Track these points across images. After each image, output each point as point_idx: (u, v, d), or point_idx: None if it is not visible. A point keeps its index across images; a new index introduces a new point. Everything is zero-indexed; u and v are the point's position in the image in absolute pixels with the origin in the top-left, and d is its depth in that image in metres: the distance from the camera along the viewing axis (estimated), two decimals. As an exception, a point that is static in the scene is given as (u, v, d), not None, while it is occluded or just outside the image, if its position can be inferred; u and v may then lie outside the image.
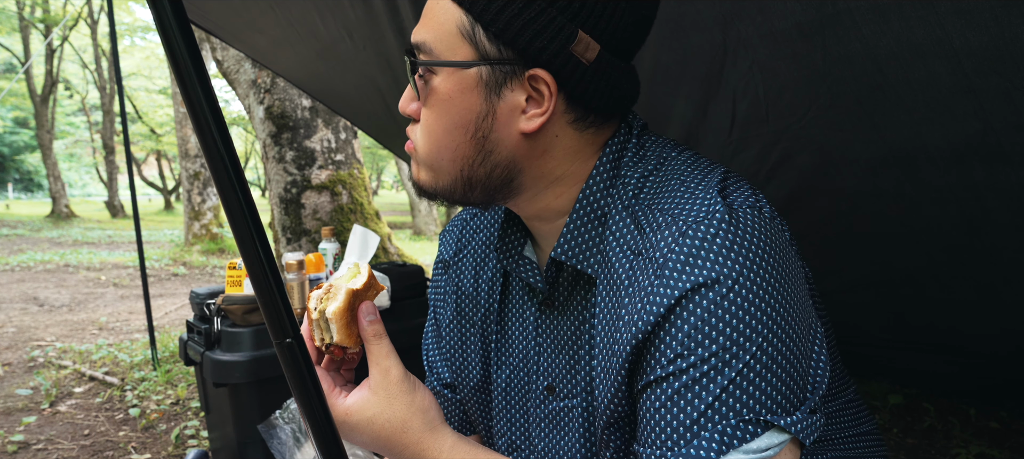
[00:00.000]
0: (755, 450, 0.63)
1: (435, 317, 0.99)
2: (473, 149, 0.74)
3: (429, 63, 0.73)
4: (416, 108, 0.77)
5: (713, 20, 1.34)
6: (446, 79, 0.72)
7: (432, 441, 0.80)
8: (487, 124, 0.73)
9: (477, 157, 0.75)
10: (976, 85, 1.16)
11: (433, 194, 0.80)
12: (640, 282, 0.69)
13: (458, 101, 0.72)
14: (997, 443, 2.38)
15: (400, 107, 0.79)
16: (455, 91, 0.72)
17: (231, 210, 0.56)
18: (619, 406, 0.71)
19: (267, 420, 1.97)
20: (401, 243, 8.96)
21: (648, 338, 0.67)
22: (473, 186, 0.77)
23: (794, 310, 0.67)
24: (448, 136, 0.74)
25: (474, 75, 0.71)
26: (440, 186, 0.79)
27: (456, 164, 0.76)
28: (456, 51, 0.71)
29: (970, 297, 1.78)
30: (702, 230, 0.66)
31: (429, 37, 0.73)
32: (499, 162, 0.75)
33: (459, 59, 0.71)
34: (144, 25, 19.22)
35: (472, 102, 0.72)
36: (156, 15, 0.53)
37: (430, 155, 0.77)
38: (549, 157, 0.75)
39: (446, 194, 0.79)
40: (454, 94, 0.72)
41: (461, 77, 0.72)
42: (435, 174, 0.78)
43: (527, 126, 0.72)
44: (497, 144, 0.74)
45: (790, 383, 0.65)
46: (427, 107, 0.75)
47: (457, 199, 0.79)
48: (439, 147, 0.76)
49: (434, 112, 0.74)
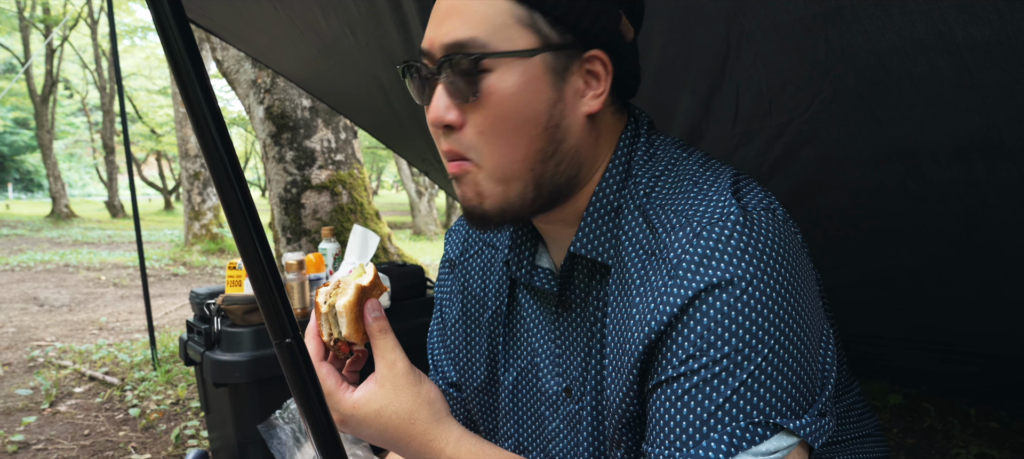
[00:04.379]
0: (764, 453, 0.62)
1: (441, 316, 0.99)
2: (546, 141, 0.72)
3: (495, 55, 0.69)
4: (457, 116, 0.71)
5: (717, 14, 1.34)
6: (508, 72, 0.69)
7: (439, 432, 0.80)
8: (558, 111, 0.72)
9: (549, 148, 0.72)
10: (978, 80, 1.15)
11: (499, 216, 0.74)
12: (653, 282, 0.68)
13: (527, 92, 0.70)
14: (997, 443, 2.38)
15: (434, 119, 0.71)
16: (522, 82, 0.69)
17: (231, 210, 0.56)
18: (631, 406, 0.71)
19: (267, 420, 1.97)
20: (401, 243, 8.96)
21: (660, 338, 0.66)
22: (542, 188, 0.73)
23: (806, 313, 0.67)
24: (519, 132, 0.70)
25: (540, 63, 0.70)
26: (510, 199, 0.73)
27: (527, 164, 0.72)
28: (516, 41, 0.69)
29: (971, 295, 1.78)
30: (717, 231, 0.66)
31: (478, 33, 0.69)
32: (567, 152, 0.73)
33: (521, 48, 0.69)
34: (144, 25, 19.23)
35: (541, 90, 0.70)
36: (155, 15, 0.53)
37: (500, 161, 0.72)
38: (602, 141, 0.77)
39: (514, 209, 0.74)
40: (522, 86, 0.69)
41: (526, 67, 0.69)
42: (505, 186, 0.72)
43: (591, 106, 0.73)
44: (567, 132, 0.73)
45: (800, 386, 0.65)
46: (487, 108, 0.70)
47: (524, 212, 0.74)
48: (510, 147, 0.71)
49: (498, 110, 0.70)
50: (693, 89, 1.59)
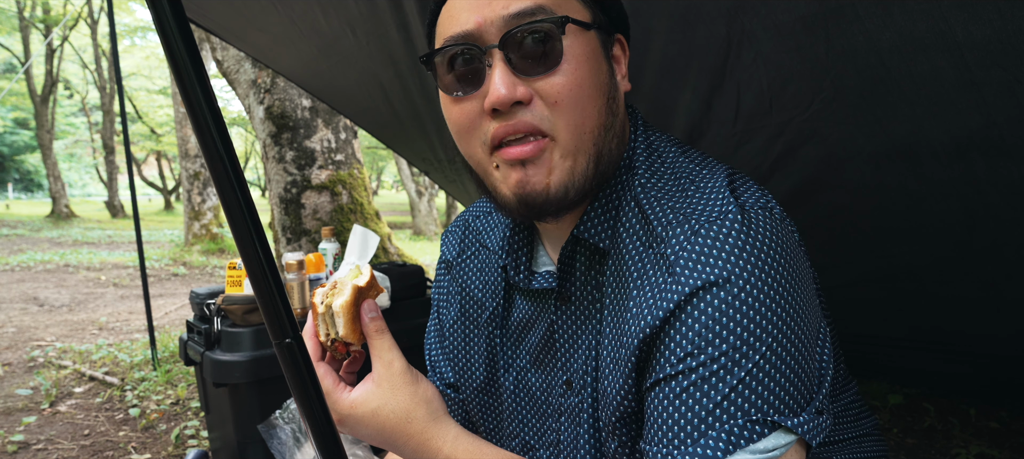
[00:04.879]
0: (762, 450, 0.62)
1: (438, 317, 0.99)
2: (607, 113, 0.73)
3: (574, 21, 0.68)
4: (524, 91, 0.68)
5: (718, 13, 1.34)
6: (578, 39, 0.70)
7: (436, 431, 0.80)
8: (612, 84, 0.75)
9: (608, 120, 0.73)
10: (978, 79, 1.15)
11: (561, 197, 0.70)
12: (650, 276, 0.68)
13: (593, 61, 0.71)
14: (997, 443, 2.37)
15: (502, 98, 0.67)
16: (590, 51, 0.71)
17: (231, 210, 0.56)
18: (627, 400, 0.71)
19: (267, 420, 1.97)
20: (401, 243, 8.96)
21: (657, 333, 0.66)
22: (600, 164, 0.72)
23: (803, 311, 0.67)
24: (590, 101, 0.70)
25: (595, 36, 0.72)
26: (576, 176, 0.70)
27: (593, 136, 0.71)
28: (580, 13, 0.71)
29: (971, 294, 1.78)
30: (715, 229, 0.66)
31: (546, 2, 0.69)
32: (619, 129, 0.76)
33: (585, 21, 0.72)
34: (144, 25, 19.25)
35: (601, 62, 0.73)
36: (155, 15, 0.53)
37: (575, 132, 0.69)
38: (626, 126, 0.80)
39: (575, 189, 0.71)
40: (589, 54, 0.71)
41: (589, 38, 0.71)
42: (574, 161, 0.70)
43: (625, 85, 0.78)
44: (618, 106, 0.76)
45: (798, 384, 0.65)
46: (561, 75, 0.68)
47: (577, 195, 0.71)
48: (583, 116, 0.69)
49: (573, 77, 0.68)
50: (694, 87, 1.59)
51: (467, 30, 0.69)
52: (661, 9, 1.41)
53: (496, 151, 0.71)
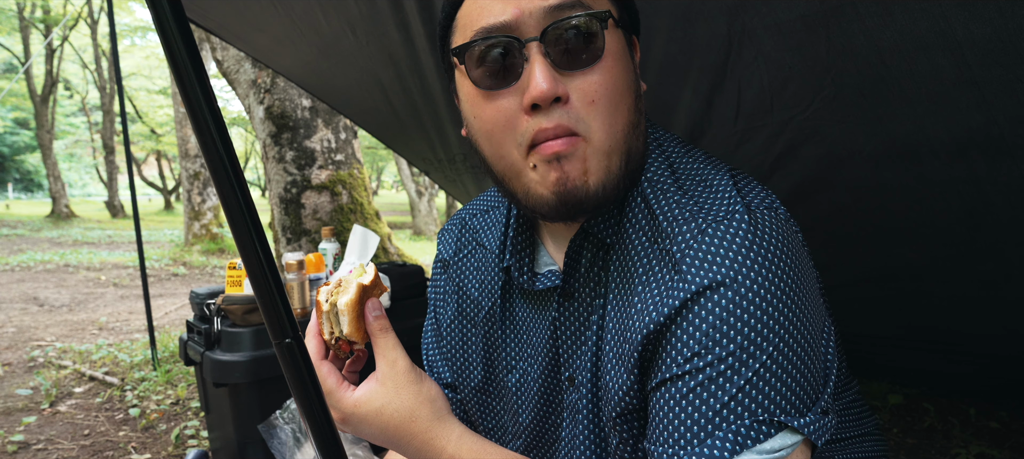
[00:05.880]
0: (768, 451, 0.62)
1: (435, 317, 0.98)
2: (635, 112, 0.71)
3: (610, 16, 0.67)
4: (563, 87, 0.66)
5: (719, 11, 1.34)
6: (612, 36, 0.68)
7: (440, 430, 0.80)
8: (638, 83, 0.74)
9: (636, 119, 0.70)
10: (979, 77, 1.15)
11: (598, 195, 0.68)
12: (656, 272, 0.68)
13: (625, 58, 0.70)
14: (997, 443, 2.37)
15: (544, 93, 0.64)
16: (621, 48, 0.70)
17: (230, 210, 0.56)
18: (629, 396, 0.70)
19: (267, 420, 1.97)
20: (401, 243, 8.96)
21: (662, 331, 0.66)
22: (630, 163, 0.70)
23: (809, 311, 0.66)
24: (623, 100, 0.68)
25: (622, 34, 0.72)
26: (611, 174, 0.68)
27: (624, 135, 0.69)
28: (614, 10, 0.71)
29: (972, 294, 1.78)
30: (722, 229, 0.66)
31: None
32: (644, 128, 0.73)
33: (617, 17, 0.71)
34: (144, 25, 19.24)
35: (629, 59, 0.72)
36: (155, 15, 0.53)
37: (609, 131, 0.67)
38: None
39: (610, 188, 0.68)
40: (622, 51, 0.70)
41: (619, 35, 0.70)
42: (609, 160, 0.68)
43: (643, 85, 0.77)
44: (642, 104, 0.74)
45: (804, 384, 0.65)
46: (599, 72, 0.66)
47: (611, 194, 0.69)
48: (616, 115, 0.67)
49: (610, 75, 0.67)
50: (695, 86, 1.59)
51: (504, 21, 0.66)
52: (662, 7, 1.41)
53: (533, 150, 0.68)
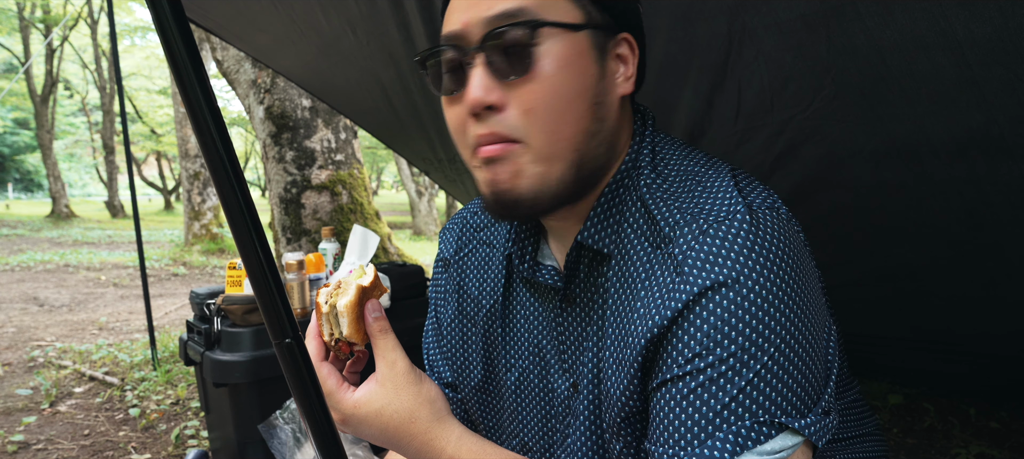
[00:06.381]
0: (769, 452, 0.62)
1: (436, 316, 0.98)
2: (591, 119, 0.71)
3: (551, 24, 0.68)
4: (499, 96, 0.68)
5: (719, 10, 1.34)
6: (559, 45, 0.68)
7: (440, 431, 0.80)
8: (602, 88, 0.72)
9: (593, 127, 0.71)
10: (979, 77, 1.15)
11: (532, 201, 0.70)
12: (658, 276, 0.68)
13: (576, 66, 0.69)
14: (997, 443, 2.37)
15: (475, 100, 0.68)
16: (572, 56, 0.69)
17: (230, 210, 0.55)
18: (631, 400, 0.70)
19: (267, 420, 1.97)
20: (401, 243, 8.96)
21: (664, 334, 0.66)
22: (582, 170, 0.72)
23: (811, 311, 0.66)
24: (569, 107, 0.69)
25: (585, 38, 0.70)
26: (549, 181, 0.70)
27: (573, 143, 0.70)
28: (564, 14, 0.69)
29: (972, 293, 1.78)
30: (723, 229, 0.66)
31: (529, 4, 0.68)
32: (607, 135, 0.74)
33: (570, 21, 0.69)
34: (144, 25, 19.24)
35: (588, 66, 0.70)
36: (155, 15, 0.53)
37: (549, 139, 0.69)
38: (625, 126, 0.77)
39: (549, 194, 0.71)
40: (572, 59, 0.69)
41: (574, 40, 0.69)
42: (548, 166, 0.70)
43: (625, 87, 0.74)
44: (607, 111, 0.73)
45: (806, 384, 0.65)
46: (538, 82, 0.68)
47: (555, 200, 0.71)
48: (560, 123, 0.69)
49: (549, 83, 0.68)
50: (695, 85, 1.59)
51: (456, 30, 0.70)
52: (662, 7, 1.41)
53: (475, 152, 0.72)
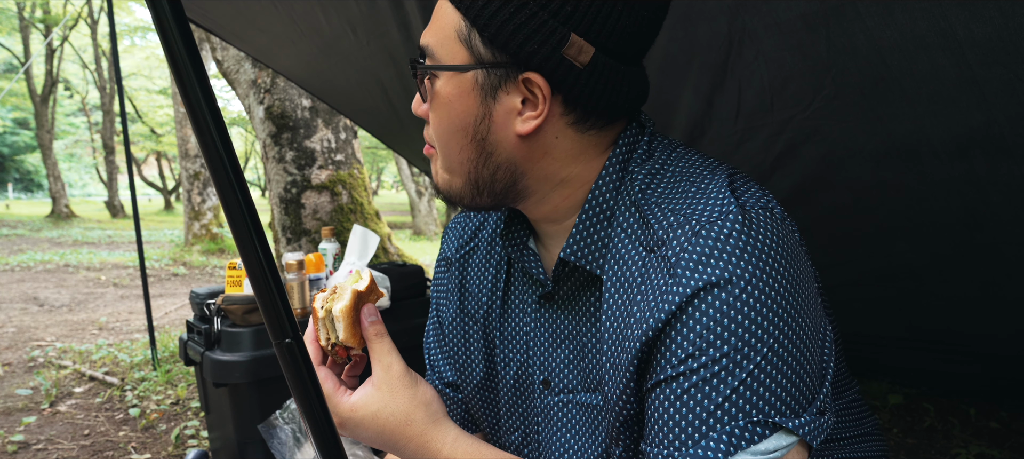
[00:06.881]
0: (763, 452, 0.62)
1: (437, 315, 0.99)
2: (475, 151, 0.76)
3: (430, 68, 0.75)
4: (425, 110, 0.79)
5: (719, 10, 1.34)
6: (447, 83, 0.74)
7: (435, 434, 0.81)
8: (484, 127, 0.74)
9: (479, 158, 0.76)
10: (979, 77, 1.15)
11: (450, 197, 0.81)
12: (652, 280, 0.68)
13: (457, 104, 0.74)
14: (997, 443, 2.38)
15: (413, 108, 0.81)
16: (454, 94, 0.74)
17: (230, 210, 0.55)
18: (628, 403, 0.71)
19: (267, 420, 1.97)
20: (401, 243, 8.96)
21: (658, 335, 0.66)
22: (480, 189, 0.79)
23: (805, 311, 0.66)
24: (453, 138, 0.77)
25: (470, 79, 0.73)
26: (455, 188, 0.80)
27: (464, 167, 0.78)
28: (455, 55, 0.73)
29: (972, 293, 1.78)
30: (716, 230, 0.66)
31: (432, 41, 0.75)
32: (500, 163, 0.76)
33: (457, 63, 0.73)
34: (144, 25, 19.25)
35: (469, 105, 0.74)
36: (155, 15, 0.53)
37: (447, 156, 0.79)
38: (550, 158, 0.76)
39: (460, 197, 0.80)
40: (454, 97, 0.74)
41: (459, 80, 0.73)
42: (450, 176, 0.80)
43: (523, 128, 0.73)
44: (496, 146, 0.75)
45: (800, 384, 0.65)
46: (432, 110, 0.77)
47: (470, 202, 0.81)
48: (447, 149, 0.78)
49: (438, 115, 0.77)
50: (695, 85, 1.59)
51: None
52: (662, 8, 1.41)
53: None
